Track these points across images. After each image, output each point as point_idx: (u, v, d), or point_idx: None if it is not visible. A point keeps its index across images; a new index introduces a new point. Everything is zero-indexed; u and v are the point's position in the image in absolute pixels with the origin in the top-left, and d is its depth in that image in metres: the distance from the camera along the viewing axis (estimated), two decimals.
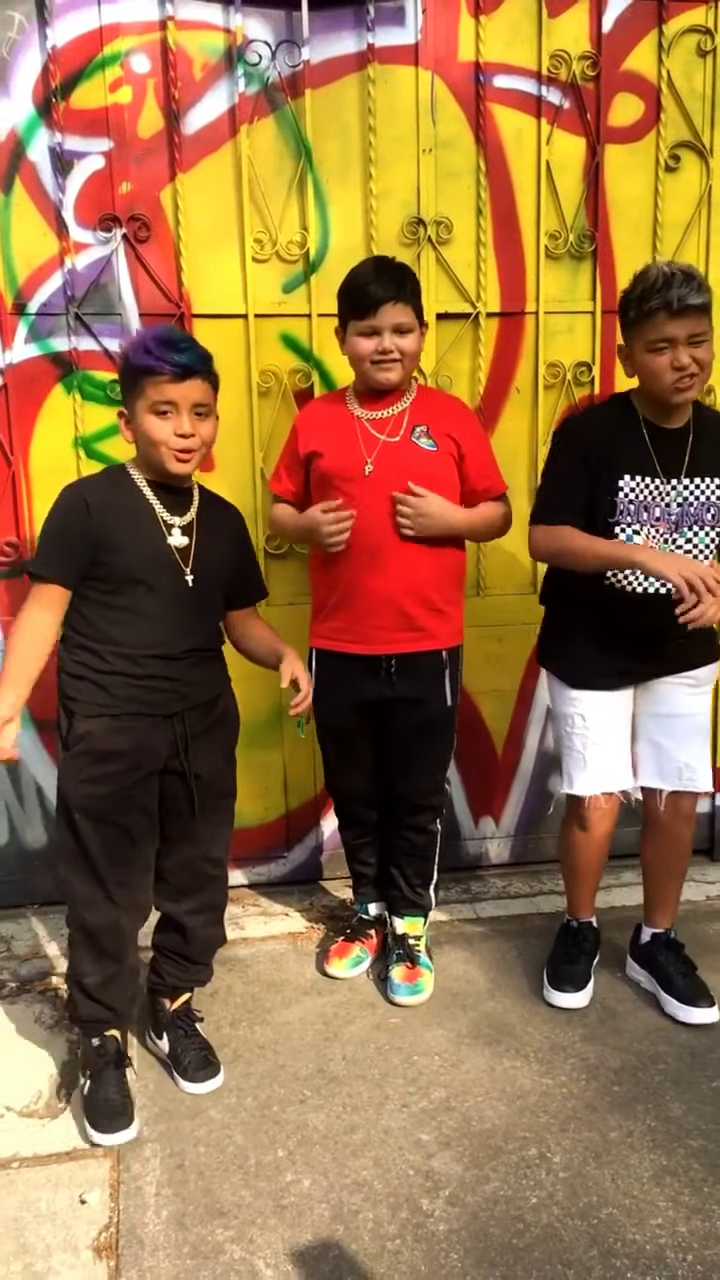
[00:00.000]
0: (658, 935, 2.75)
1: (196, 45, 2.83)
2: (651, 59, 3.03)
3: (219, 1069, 2.42)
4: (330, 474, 2.56)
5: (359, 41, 2.88)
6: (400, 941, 2.81)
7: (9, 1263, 1.92)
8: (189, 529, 2.27)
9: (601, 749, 2.59)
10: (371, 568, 2.55)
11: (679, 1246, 1.95)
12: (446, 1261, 1.93)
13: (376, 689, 2.62)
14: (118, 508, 2.21)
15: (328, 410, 2.64)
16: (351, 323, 2.50)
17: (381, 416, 2.56)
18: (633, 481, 2.42)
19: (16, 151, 2.79)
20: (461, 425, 2.59)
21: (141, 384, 2.14)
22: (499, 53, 2.95)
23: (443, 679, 2.64)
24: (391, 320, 2.45)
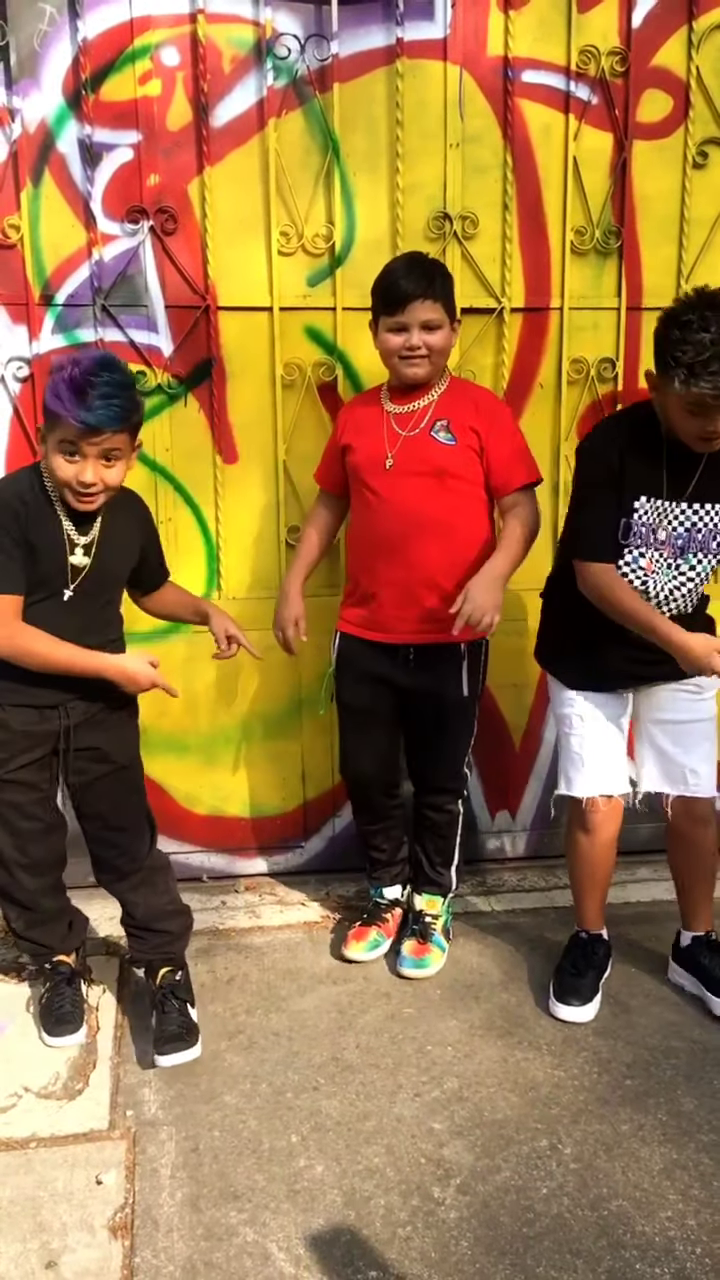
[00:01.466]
0: (698, 939, 2.74)
1: (226, 38, 2.84)
2: (681, 55, 3.02)
3: (189, 1045, 2.43)
4: (357, 467, 2.65)
5: (388, 35, 2.89)
6: (417, 917, 2.87)
7: (26, 1241, 1.96)
8: (90, 547, 2.31)
9: (599, 750, 2.58)
10: (392, 560, 2.61)
11: (688, 1239, 1.97)
12: (457, 1249, 1.95)
13: (396, 674, 2.69)
14: (38, 516, 2.24)
15: (364, 405, 2.73)
16: (382, 318, 2.54)
17: (407, 411, 2.61)
18: (646, 504, 2.40)
19: (46, 143, 2.81)
20: (485, 418, 2.60)
21: (51, 421, 2.16)
22: (528, 48, 2.95)
23: (460, 670, 2.67)
24: (420, 317, 2.48)
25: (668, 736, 2.60)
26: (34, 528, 2.24)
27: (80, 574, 2.31)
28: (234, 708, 3.18)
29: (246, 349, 3.00)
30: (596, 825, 2.61)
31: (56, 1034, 2.51)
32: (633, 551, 2.43)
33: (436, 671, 2.67)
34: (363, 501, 2.67)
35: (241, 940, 2.98)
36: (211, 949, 2.92)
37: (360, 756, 2.86)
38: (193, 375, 2.99)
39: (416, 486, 2.57)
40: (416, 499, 2.58)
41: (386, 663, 2.69)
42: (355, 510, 2.74)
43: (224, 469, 3.06)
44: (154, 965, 2.57)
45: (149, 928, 2.55)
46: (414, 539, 2.58)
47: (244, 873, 3.32)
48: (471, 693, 2.72)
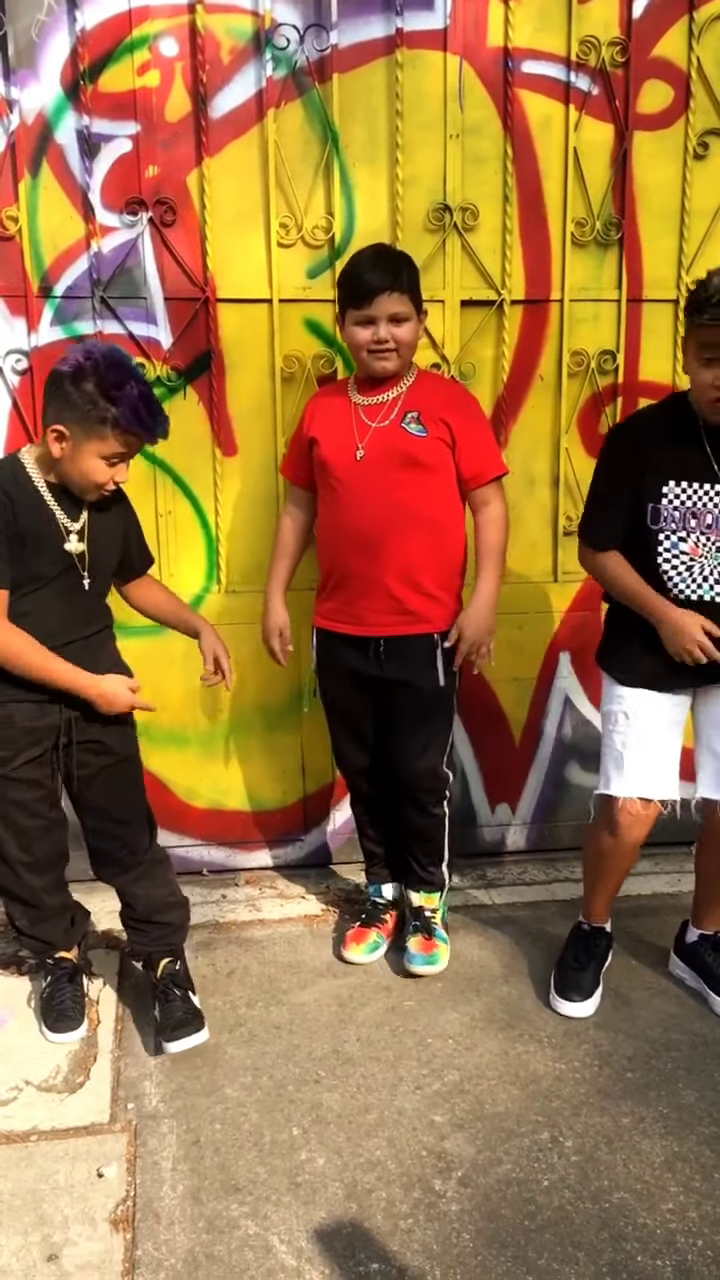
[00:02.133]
0: (705, 937, 2.73)
1: (225, 28, 2.82)
2: (681, 46, 3.01)
3: (196, 1029, 2.44)
4: (325, 460, 2.63)
5: (387, 26, 2.87)
6: (417, 914, 2.86)
7: (28, 1233, 1.96)
8: (83, 533, 2.31)
9: (642, 751, 2.49)
10: (363, 552, 2.61)
11: (689, 1232, 1.97)
12: (458, 1241, 1.95)
13: (366, 666, 2.68)
14: (25, 506, 2.24)
15: (330, 398, 2.71)
16: (349, 311, 2.53)
17: (375, 403, 2.61)
18: (678, 488, 2.38)
19: (44, 134, 2.80)
20: (455, 410, 2.60)
21: (105, 431, 2.16)
22: (528, 38, 2.94)
23: (434, 661, 2.65)
24: (387, 310, 2.48)
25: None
26: (24, 517, 2.23)
27: (84, 560, 2.30)
28: (233, 701, 3.17)
29: (246, 341, 2.99)
30: (625, 827, 2.52)
31: (58, 1030, 2.51)
32: (670, 537, 2.40)
33: (408, 663, 2.65)
34: (331, 494, 2.64)
35: (242, 934, 2.98)
36: (212, 942, 2.92)
37: (350, 750, 2.87)
38: (192, 367, 2.98)
39: (387, 478, 2.56)
40: (387, 491, 2.56)
41: (358, 656, 2.68)
42: (324, 503, 2.70)
43: (223, 461, 3.05)
44: (154, 957, 2.57)
45: (150, 920, 2.55)
46: (384, 531, 2.57)
47: (244, 866, 3.31)
48: (448, 683, 2.69)
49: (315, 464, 2.68)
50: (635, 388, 3.19)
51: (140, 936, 2.57)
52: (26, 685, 2.29)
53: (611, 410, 3.19)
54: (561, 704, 3.35)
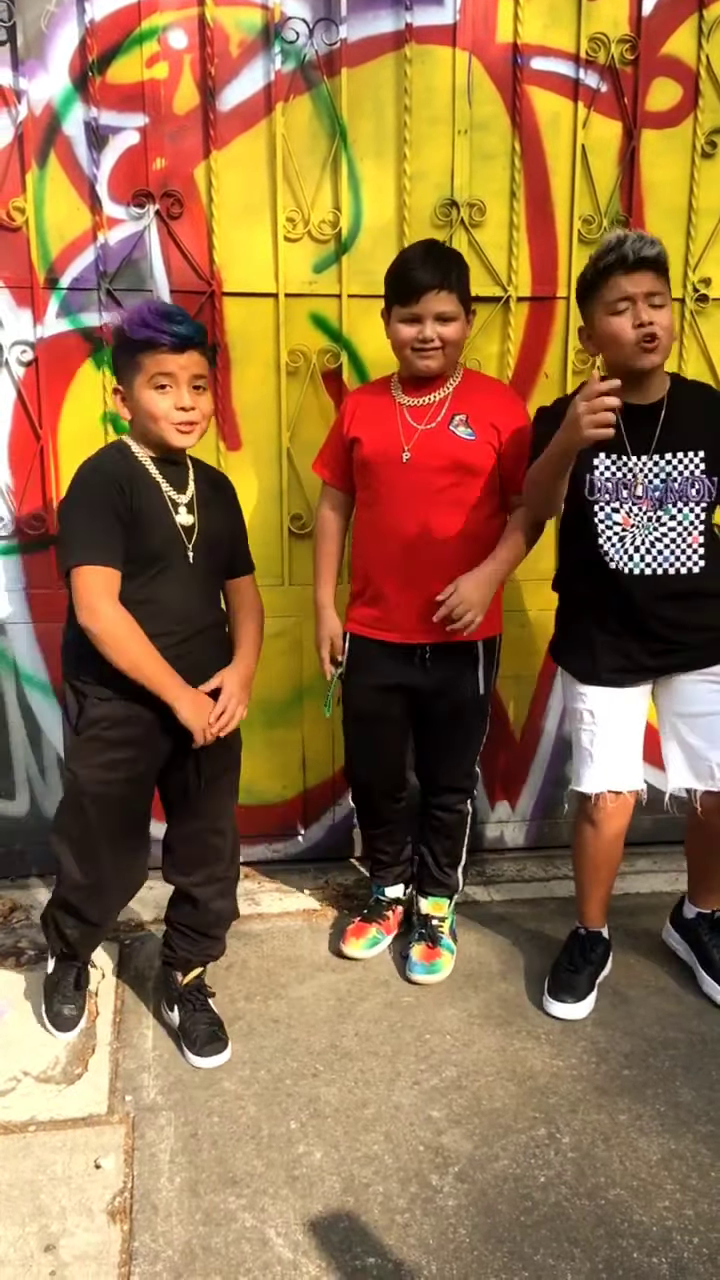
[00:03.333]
0: (703, 914, 2.77)
1: (234, 21, 2.82)
2: (691, 44, 3.00)
3: (226, 1044, 2.44)
4: (369, 460, 2.57)
5: (397, 20, 2.87)
6: (424, 921, 2.83)
7: (25, 1224, 1.96)
8: (192, 506, 2.28)
9: (610, 746, 2.55)
10: (407, 557, 2.55)
11: (685, 1229, 1.97)
12: (455, 1236, 1.96)
13: (410, 675, 2.62)
14: (140, 490, 2.20)
15: (372, 397, 2.64)
16: (395, 308, 2.48)
17: (422, 404, 2.55)
18: (607, 460, 2.42)
19: (52, 125, 2.79)
20: (505, 414, 2.55)
21: (139, 359, 2.15)
22: (537, 34, 2.93)
23: (476, 668, 2.63)
24: (434, 309, 2.42)
25: (692, 730, 2.55)
26: (137, 495, 2.18)
27: (193, 534, 2.26)
28: None
29: (251, 335, 2.99)
30: (602, 820, 2.58)
31: (63, 1028, 2.49)
32: (604, 508, 2.43)
33: (452, 670, 2.62)
34: (374, 496, 2.59)
35: (240, 927, 2.97)
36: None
37: (368, 763, 2.80)
38: None
39: (434, 481, 2.51)
40: (434, 494, 2.51)
41: (401, 664, 2.62)
42: (364, 504, 2.65)
43: (227, 456, 3.05)
44: (192, 964, 2.51)
45: (208, 933, 2.50)
46: (431, 535, 2.52)
47: (244, 860, 3.30)
48: (486, 690, 2.68)
49: (356, 464, 2.62)
50: None
51: (190, 945, 2.49)
52: None
53: None
54: (561, 702, 3.34)
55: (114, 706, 2.22)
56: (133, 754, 2.25)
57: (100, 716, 2.22)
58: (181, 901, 2.50)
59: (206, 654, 2.31)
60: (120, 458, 2.24)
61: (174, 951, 2.52)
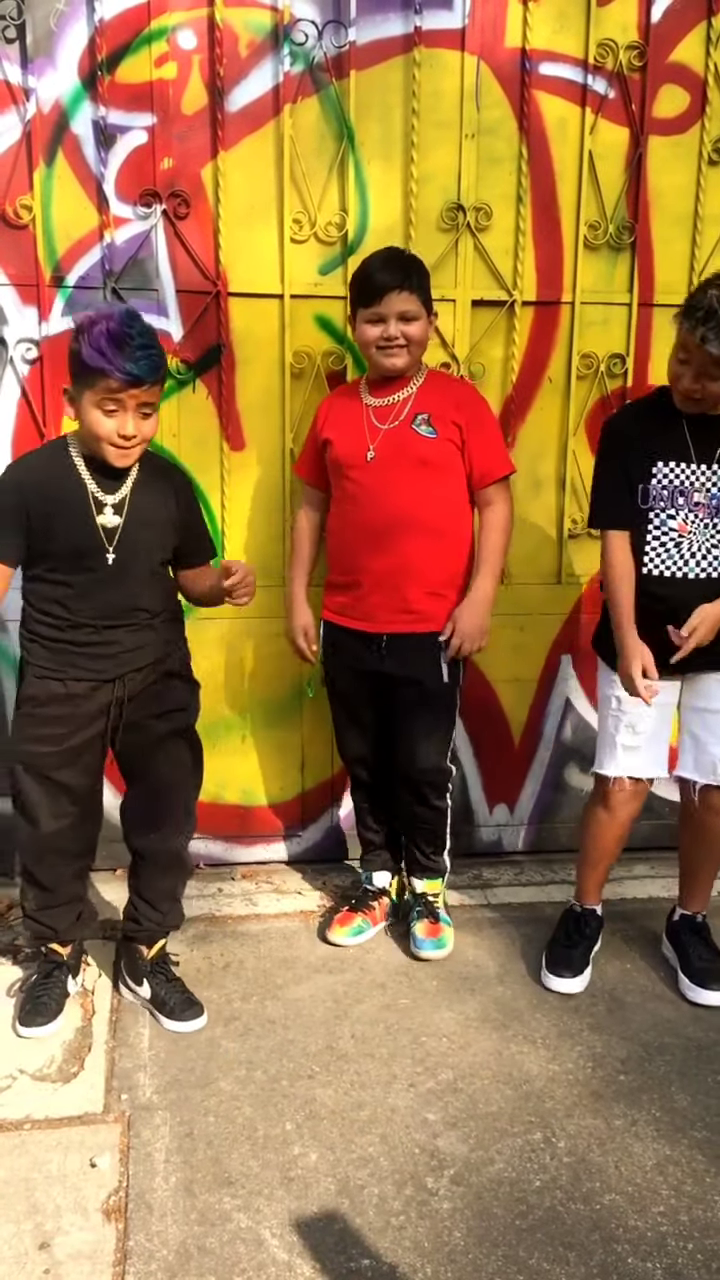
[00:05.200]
0: (686, 917, 2.82)
1: (243, 22, 2.82)
2: (699, 51, 3.01)
3: (202, 1009, 2.55)
4: (338, 461, 2.69)
5: (406, 24, 2.87)
6: (420, 899, 2.92)
7: (20, 1222, 1.96)
8: (121, 506, 2.31)
9: (633, 734, 2.63)
10: (373, 551, 2.65)
11: (680, 1235, 1.97)
12: (450, 1239, 1.95)
13: (371, 662, 2.73)
14: (52, 491, 2.27)
15: (342, 399, 2.78)
16: (360, 310, 2.59)
17: (386, 404, 2.66)
18: (666, 467, 2.50)
19: (60, 124, 2.79)
20: (465, 411, 2.65)
21: (90, 377, 2.16)
22: (546, 40, 2.94)
23: (438, 659, 2.70)
24: (397, 308, 2.53)
25: (703, 724, 2.64)
26: (50, 498, 2.25)
27: (115, 534, 2.29)
28: (234, 695, 3.17)
29: (256, 336, 2.99)
30: (617, 805, 2.68)
31: (30, 1024, 2.49)
32: (660, 515, 2.51)
33: (412, 659, 2.70)
34: (344, 493, 2.70)
35: (237, 927, 2.98)
36: (207, 936, 2.92)
37: (353, 740, 2.92)
38: (202, 361, 2.98)
39: (398, 479, 2.61)
40: (398, 491, 2.61)
41: (363, 650, 2.73)
42: (336, 501, 2.76)
43: (231, 456, 3.05)
44: (155, 937, 2.60)
45: (167, 896, 2.58)
46: (396, 530, 2.62)
47: (241, 860, 3.32)
48: (452, 680, 2.74)
49: (329, 464, 2.74)
50: (644, 391, 3.16)
51: (151, 912, 2.57)
52: (89, 666, 2.33)
53: None
54: (562, 706, 3.35)
55: (48, 685, 2.35)
56: (61, 730, 2.36)
57: (31, 695, 2.37)
58: (140, 864, 2.58)
59: (137, 642, 2.37)
60: (48, 458, 2.32)
61: (139, 924, 2.59)
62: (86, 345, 2.13)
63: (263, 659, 3.12)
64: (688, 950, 2.76)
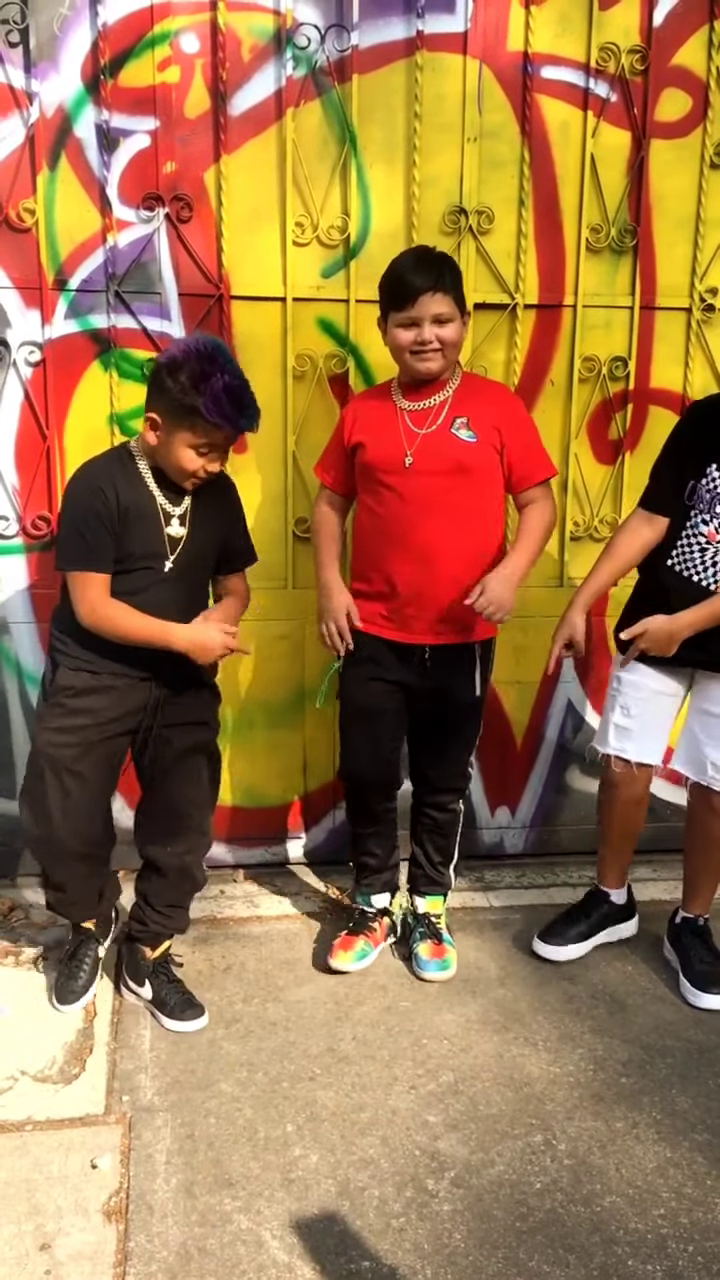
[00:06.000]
0: (687, 919, 2.83)
1: (246, 27, 2.83)
2: (701, 55, 3.01)
3: (203, 1010, 2.57)
4: (372, 466, 2.59)
5: (408, 28, 2.88)
6: (422, 920, 2.86)
7: (21, 1223, 1.97)
8: (185, 517, 2.39)
9: (628, 718, 2.67)
10: (411, 559, 2.56)
11: (680, 1237, 1.97)
12: (450, 1241, 1.96)
13: (409, 675, 2.64)
14: (129, 500, 2.32)
15: (373, 402, 2.66)
16: (391, 314, 2.50)
17: (422, 407, 2.56)
18: (717, 471, 2.48)
19: (63, 127, 2.80)
20: (504, 415, 2.58)
21: (193, 420, 2.23)
22: (548, 43, 2.94)
23: (474, 670, 2.65)
24: (431, 310, 2.44)
25: (700, 724, 2.66)
26: (125, 502, 2.31)
27: (179, 545, 2.37)
28: (236, 697, 3.18)
29: (259, 339, 3.00)
30: (616, 782, 2.74)
31: (64, 1001, 2.59)
32: (697, 516, 2.51)
33: (452, 672, 2.64)
34: (378, 499, 2.59)
35: (239, 930, 2.98)
36: (209, 938, 2.93)
37: (362, 757, 2.77)
38: None
39: (437, 485, 2.52)
40: (438, 497, 2.52)
41: (401, 663, 2.64)
42: (366, 507, 2.65)
43: (233, 459, 3.03)
44: (159, 939, 2.61)
45: (177, 904, 2.61)
46: (435, 538, 2.54)
47: (243, 863, 3.32)
48: (483, 693, 2.71)
49: (359, 469, 2.63)
50: (646, 395, 3.19)
51: (159, 918, 2.59)
52: (124, 662, 2.37)
53: (621, 417, 3.19)
54: (564, 709, 3.35)
55: (81, 677, 2.38)
56: (88, 721, 2.39)
57: (66, 685, 2.39)
58: (151, 874, 2.60)
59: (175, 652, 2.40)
60: (117, 465, 2.36)
61: (145, 926, 2.60)
62: (207, 400, 2.18)
63: (265, 661, 3.12)
64: (689, 953, 2.76)
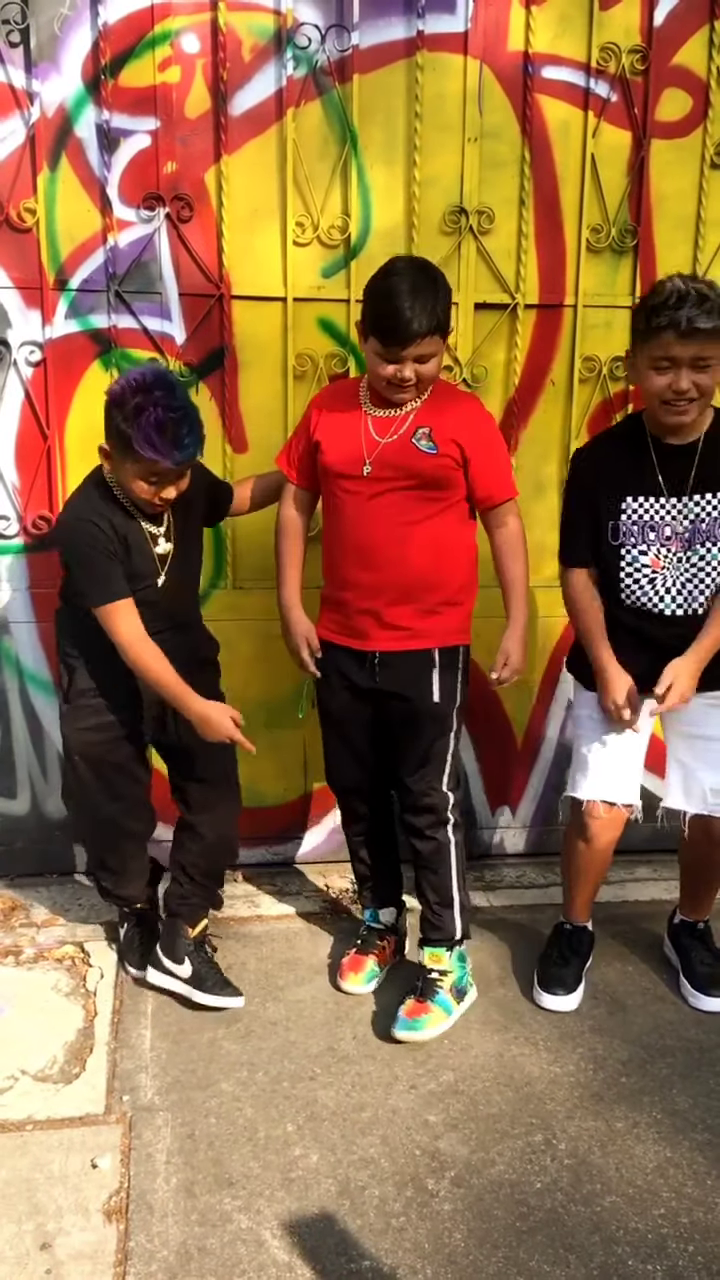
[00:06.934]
0: (686, 922, 2.82)
1: (247, 26, 2.83)
2: (701, 55, 3.01)
3: (239, 991, 2.64)
4: (330, 469, 2.53)
5: (408, 28, 2.88)
6: (420, 971, 2.65)
7: (21, 1222, 1.97)
8: (169, 533, 2.47)
9: (606, 756, 2.56)
10: (364, 566, 2.51)
11: (681, 1237, 1.97)
12: (450, 1240, 1.96)
13: (362, 680, 2.59)
14: (119, 529, 2.39)
15: (339, 400, 2.58)
16: (373, 338, 2.38)
17: (387, 415, 2.48)
18: (634, 503, 2.45)
19: (64, 127, 2.80)
20: (469, 430, 2.48)
21: (134, 453, 2.25)
22: (548, 43, 2.94)
23: (430, 676, 2.55)
24: (415, 353, 2.36)
25: (691, 751, 2.57)
26: (121, 529, 2.39)
27: (168, 560, 2.46)
28: (235, 696, 3.16)
29: (259, 339, 3.00)
30: (595, 832, 2.59)
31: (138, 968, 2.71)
32: (630, 551, 2.46)
33: (402, 677, 2.55)
34: (335, 504, 2.54)
35: (240, 929, 2.99)
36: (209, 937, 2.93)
37: (342, 764, 2.75)
38: (205, 364, 2.99)
39: (393, 494, 2.46)
40: (393, 507, 2.46)
41: (355, 668, 2.59)
42: (328, 510, 2.60)
43: (234, 458, 3.06)
44: (197, 914, 2.70)
45: (213, 871, 2.71)
46: (387, 548, 2.48)
47: (244, 862, 3.31)
48: (445, 699, 2.57)
49: (319, 468, 2.57)
50: None
51: (196, 889, 2.68)
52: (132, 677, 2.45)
53: (622, 417, 3.18)
54: (564, 709, 3.35)
55: (98, 679, 2.51)
56: (116, 717, 2.52)
57: (87, 686, 2.51)
58: (185, 844, 2.68)
59: (179, 639, 2.51)
60: (98, 497, 2.41)
61: (184, 900, 2.68)
62: (138, 434, 2.21)
63: (263, 660, 3.12)
64: (690, 954, 2.75)
